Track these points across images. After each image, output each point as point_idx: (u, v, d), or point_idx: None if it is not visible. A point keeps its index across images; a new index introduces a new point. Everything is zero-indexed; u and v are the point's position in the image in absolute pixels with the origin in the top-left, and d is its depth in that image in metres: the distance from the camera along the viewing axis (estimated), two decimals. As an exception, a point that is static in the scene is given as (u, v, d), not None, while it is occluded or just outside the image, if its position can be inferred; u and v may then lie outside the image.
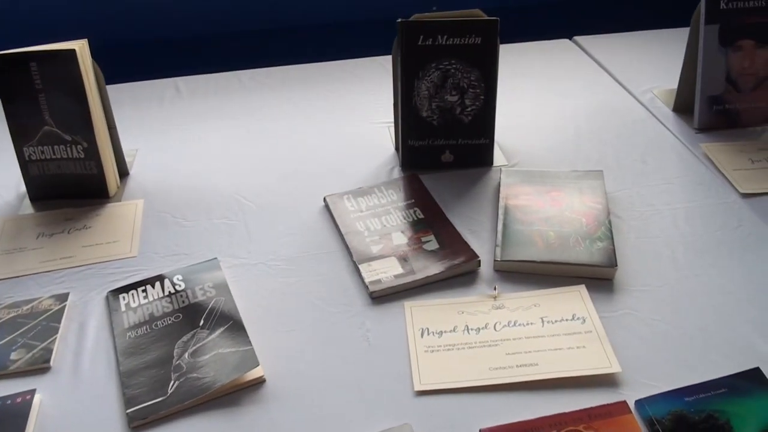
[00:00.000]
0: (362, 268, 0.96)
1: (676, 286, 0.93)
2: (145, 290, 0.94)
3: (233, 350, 0.84)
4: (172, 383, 0.80)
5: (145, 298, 0.93)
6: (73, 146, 1.10)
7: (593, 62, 1.54)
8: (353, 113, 1.37)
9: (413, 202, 1.09)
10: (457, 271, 0.95)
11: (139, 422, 0.77)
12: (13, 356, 0.85)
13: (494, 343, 0.84)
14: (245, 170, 1.21)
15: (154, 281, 0.96)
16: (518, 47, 1.59)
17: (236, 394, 0.80)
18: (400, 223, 1.05)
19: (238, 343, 0.85)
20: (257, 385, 0.81)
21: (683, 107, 1.31)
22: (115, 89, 1.20)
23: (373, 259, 0.97)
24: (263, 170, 1.21)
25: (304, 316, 0.91)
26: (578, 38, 1.63)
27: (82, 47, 1.06)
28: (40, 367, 0.84)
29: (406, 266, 0.96)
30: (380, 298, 0.92)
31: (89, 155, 1.11)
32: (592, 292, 0.91)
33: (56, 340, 0.87)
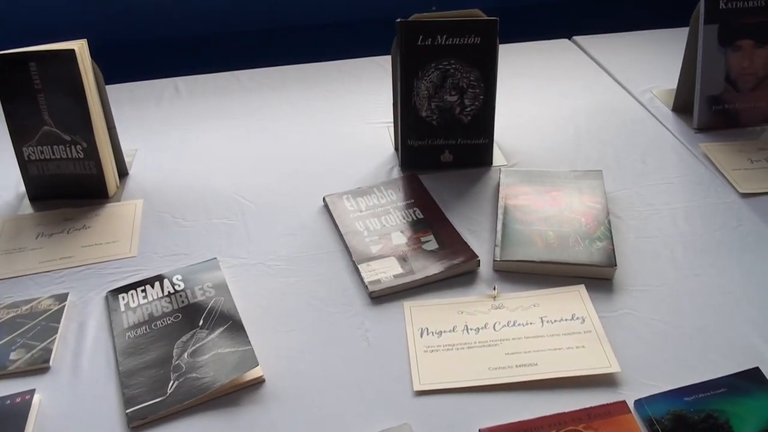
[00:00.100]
0: (362, 268, 0.96)
1: (675, 285, 0.93)
2: (144, 290, 0.94)
3: (232, 350, 0.84)
4: (171, 383, 0.80)
5: (144, 298, 0.93)
6: (72, 146, 1.10)
7: (593, 62, 1.54)
8: (352, 113, 1.37)
9: (413, 202, 1.09)
10: (456, 271, 0.95)
11: (138, 422, 0.77)
12: (12, 356, 0.85)
13: (494, 343, 0.84)
14: (245, 170, 1.21)
15: (153, 281, 0.96)
16: (518, 47, 1.59)
17: (236, 394, 0.80)
18: (399, 223, 1.05)
19: (237, 343, 0.85)
20: (257, 385, 0.81)
21: (683, 107, 1.31)
22: (114, 89, 1.20)
23: (372, 259, 0.97)
24: (262, 170, 1.21)
25: (303, 316, 0.91)
26: (578, 38, 1.63)
27: (81, 47, 1.06)
28: (39, 367, 0.84)
29: (405, 266, 0.96)
30: (380, 298, 0.92)
31: (88, 155, 1.11)
32: (591, 291, 0.91)
33: (56, 340, 0.87)
